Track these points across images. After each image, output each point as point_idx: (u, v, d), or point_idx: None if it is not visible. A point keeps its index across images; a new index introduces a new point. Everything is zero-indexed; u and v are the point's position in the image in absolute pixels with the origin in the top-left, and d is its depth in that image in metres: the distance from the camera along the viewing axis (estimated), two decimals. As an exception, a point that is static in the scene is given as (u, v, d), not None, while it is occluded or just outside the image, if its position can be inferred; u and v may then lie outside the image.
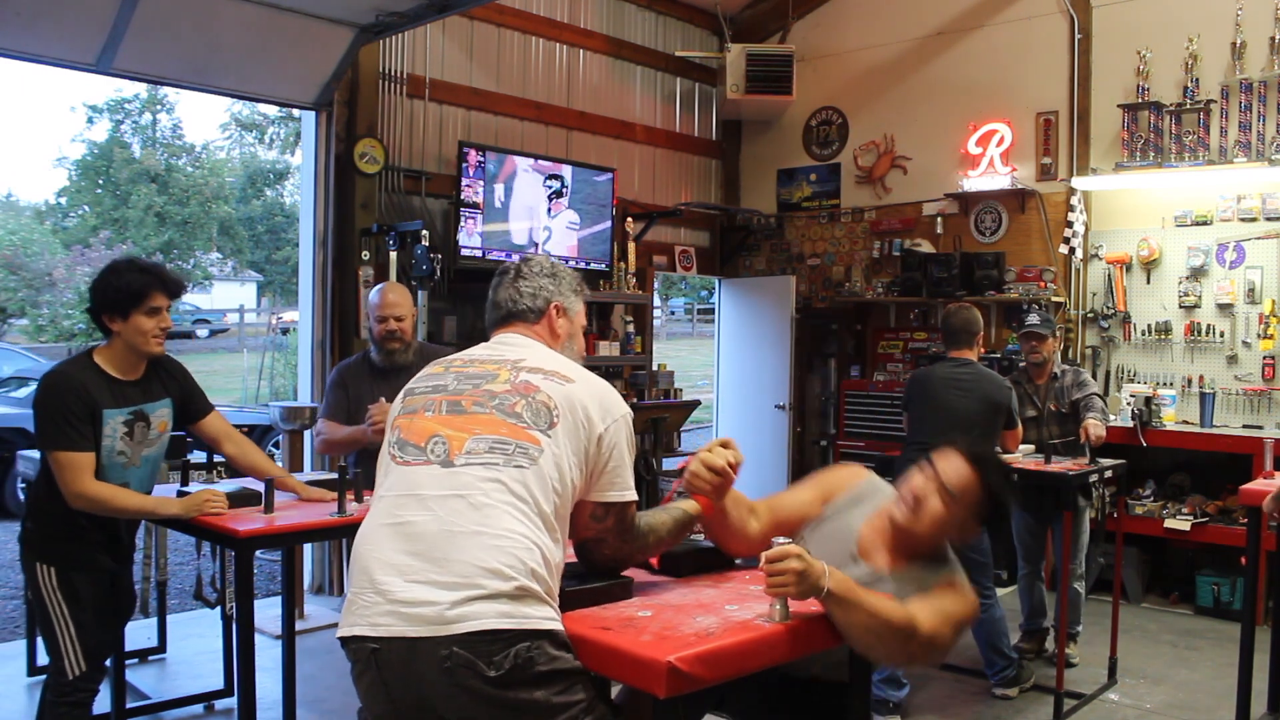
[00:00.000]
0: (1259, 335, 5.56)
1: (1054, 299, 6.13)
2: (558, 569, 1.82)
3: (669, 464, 5.77)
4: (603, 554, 1.97)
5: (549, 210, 6.05)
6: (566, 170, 6.14)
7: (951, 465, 2.16)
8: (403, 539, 1.77)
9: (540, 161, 6.04)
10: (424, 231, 5.29)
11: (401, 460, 1.88)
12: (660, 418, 5.60)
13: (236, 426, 9.63)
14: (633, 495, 1.93)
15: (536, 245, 5.98)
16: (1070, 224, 6.08)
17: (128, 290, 2.83)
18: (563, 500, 1.84)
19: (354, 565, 1.83)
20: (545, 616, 1.73)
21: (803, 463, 7.36)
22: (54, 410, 2.75)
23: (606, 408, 1.91)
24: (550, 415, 1.86)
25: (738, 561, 2.30)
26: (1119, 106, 5.94)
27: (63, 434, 2.74)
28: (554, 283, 2.12)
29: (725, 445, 2.08)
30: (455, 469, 1.81)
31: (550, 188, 6.06)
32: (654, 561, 2.21)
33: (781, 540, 1.83)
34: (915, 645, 1.92)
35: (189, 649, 4.62)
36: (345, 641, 1.80)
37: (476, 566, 1.71)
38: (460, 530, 1.75)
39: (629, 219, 6.69)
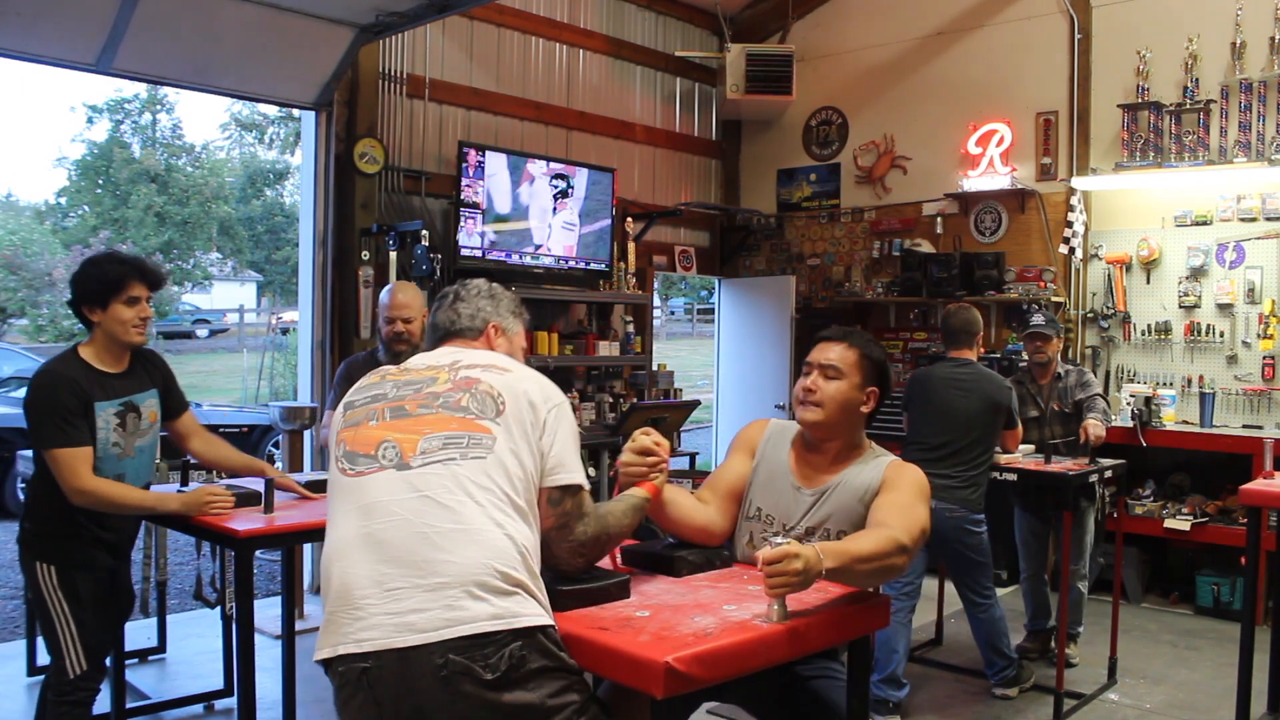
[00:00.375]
0: (1259, 335, 5.56)
1: (1054, 299, 6.13)
2: (536, 555, 1.82)
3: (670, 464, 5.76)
4: (568, 542, 1.92)
5: (550, 210, 6.05)
6: (568, 170, 6.14)
7: (823, 351, 2.39)
8: (374, 549, 1.74)
9: (541, 162, 6.03)
10: (424, 231, 5.29)
11: (354, 472, 1.84)
12: (660, 418, 5.60)
13: (237, 426, 9.56)
14: (583, 478, 1.94)
15: (537, 245, 5.99)
16: (1070, 224, 6.08)
17: (105, 280, 2.85)
18: (525, 484, 1.83)
19: (326, 585, 1.79)
20: (534, 613, 1.72)
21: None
22: (48, 408, 2.76)
23: (546, 393, 1.94)
24: (496, 404, 1.87)
25: (725, 552, 2.34)
26: (1119, 106, 5.94)
27: (59, 431, 2.74)
28: (492, 304, 2.16)
29: (645, 433, 2.18)
30: (413, 470, 1.79)
31: (556, 187, 6.06)
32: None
33: (778, 540, 1.84)
34: (908, 555, 2.07)
35: (189, 649, 4.62)
36: (328, 664, 1.75)
37: (458, 564, 1.70)
38: (433, 530, 1.72)
39: (629, 219, 6.69)
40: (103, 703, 3.03)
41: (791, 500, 2.36)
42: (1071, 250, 6.07)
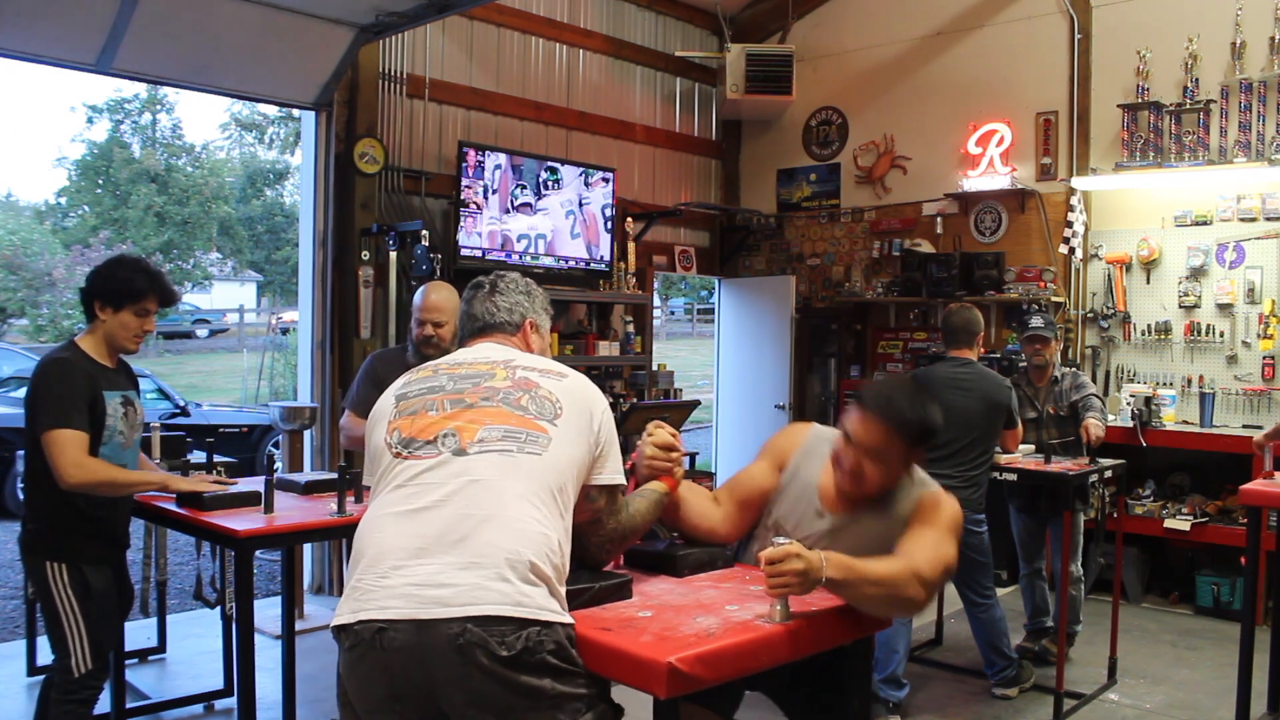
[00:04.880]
0: (1259, 335, 5.56)
1: (1054, 299, 6.13)
2: (567, 557, 1.85)
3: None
4: (598, 536, 2.00)
5: (549, 210, 6.05)
6: (567, 170, 6.15)
7: (864, 432, 2.19)
8: (417, 524, 1.77)
9: (540, 162, 6.03)
10: (424, 231, 5.29)
11: (410, 455, 1.87)
12: (660, 418, 5.58)
13: (237, 426, 9.56)
14: (623, 478, 2.00)
15: (536, 245, 5.99)
16: (1070, 224, 6.08)
17: (128, 286, 2.90)
18: (573, 489, 1.88)
19: (358, 554, 1.81)
20: (555, 610, 1.75)
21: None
22: (59, 391, 2.78)
23: (599, 400, 2.01)
24: (554, 408, 1.91)
25: (728, 551, 2.33)
26: (1119, 106, 5.94)
27: (66, 414, 2.76)
28: (528, 300, 2.20)
29: (660, 426, 2.20)
30: (470, 457, 1.83)
31: (551, 188, 6.06)
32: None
33: (780, 540, 1.84)
34: (927, 589, 2.00)
35: (189, 649, 4.62)
36: (345, 628, 1.75)
37: (494, 549, 1.72)
38: (477, 514, 1.76)
39: (629, 219, 6.69)
40: (103, 703, 3.02)
41: (811, 522, 2.30)
42: (1071, 250, 6.07)
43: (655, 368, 6.88)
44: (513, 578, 1.71)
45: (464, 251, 5.58)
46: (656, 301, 14.12)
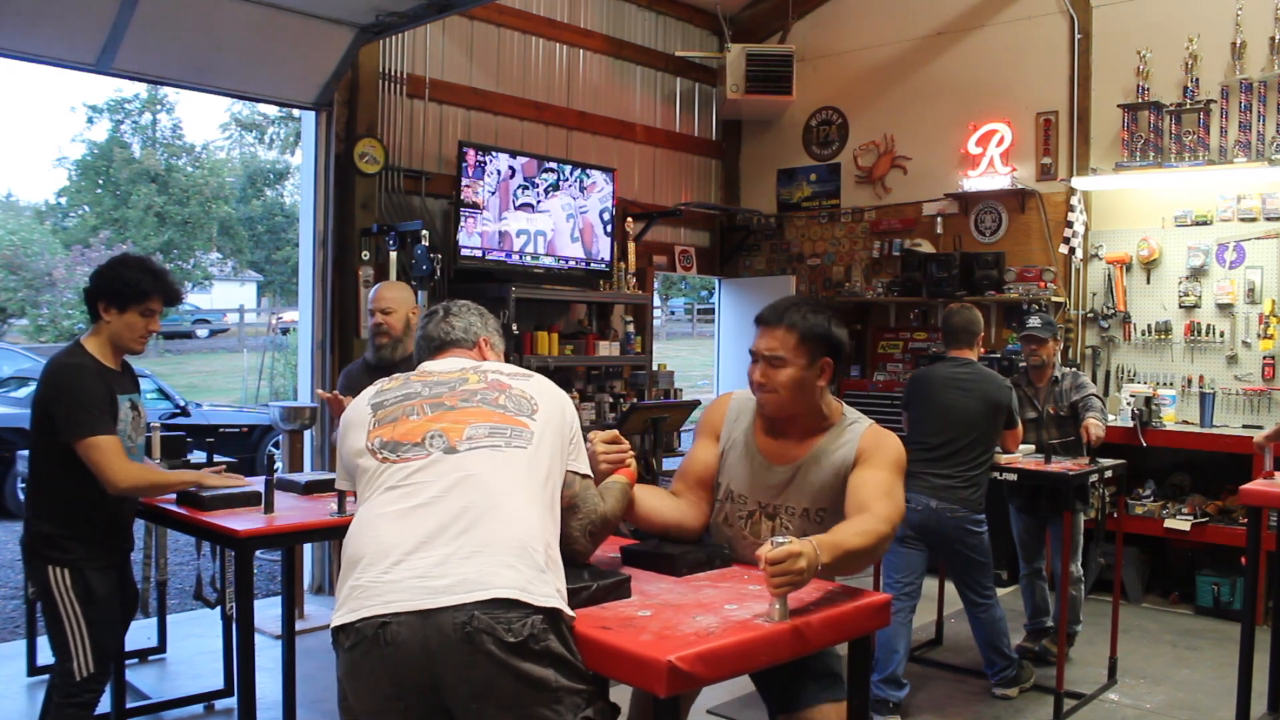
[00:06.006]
0: (1259, 335, 5.56)
1: (1054, 299, 6.13)
2: (558, 548, 1.89)
3: (669, 464, 5.77)
4: (577, 518, 2.03)
5: (549, 210, 6.05)
6: (567, 170, 6.15)
7: (764, 339, 2.31)
8: (416, 521, 1.78)
9: (540, 162, 6.04)
10: (424, 231, 5.29)
11: (398, 459, 1.88)
12: (660, 417, 5.61)
13: (237, 426, 9.60)
14: (591, 474, 2.09)
15: (536, 245, 5.99)
16: (1070, 224, 6.08)
17: (133, 286, 2.88)
18: (557, 481, 1.95)
19: (355, 556, 1.80)
20: (559, 601, 1.77)
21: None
22: (82, 397, 2.76)
23: (565, 396, 2.09)
24: (530, 404, 1.98)
25: (726, 551, 2.33)
26: (1119, 106, 5.94)
27: (99, 419, 2.76)
28: (481, 321, 2.28)
29: (595, 432, 2.25)
30: (461, 454, 1.86)
31: (551, 188, 6.06)
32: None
33: (780, 540, 1.84)
34: (889, 541, 2.11)
35: (189, 649, 4.62)
36: (345, 627, 1.73)
37: (499, 538, 1.76)
38: (477, 507, 1.79)
39: (629, 219, 6.69)
40: (103, 703, 3.02)
41: (763, 478, 2.35)
42: (1071, 250, 6.07)
43: (655, 368, 6.88)
44: (519, 565, 1.74)
45: (464, 251, 5.58)
46: (656, 301, 14.13)
